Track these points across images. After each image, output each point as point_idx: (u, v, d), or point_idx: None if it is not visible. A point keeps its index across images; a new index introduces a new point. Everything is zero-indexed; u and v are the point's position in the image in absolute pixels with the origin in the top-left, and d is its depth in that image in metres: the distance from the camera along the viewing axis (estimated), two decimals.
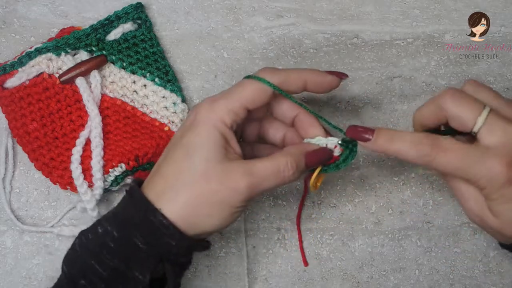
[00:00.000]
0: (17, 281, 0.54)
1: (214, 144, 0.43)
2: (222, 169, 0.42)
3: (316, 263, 0.55)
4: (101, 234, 0.43)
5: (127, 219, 0.43)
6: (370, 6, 0.61)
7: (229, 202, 0.42)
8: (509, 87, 0.59)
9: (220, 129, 0.43)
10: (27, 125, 0.54)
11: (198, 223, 0.42)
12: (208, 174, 0.42)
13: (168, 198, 0.42)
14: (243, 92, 0.45)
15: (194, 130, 0.43)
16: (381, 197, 0.56)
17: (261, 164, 0.43)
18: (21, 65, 0.55)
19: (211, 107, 0.44)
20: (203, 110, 0.44)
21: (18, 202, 0.56)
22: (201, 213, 0.42)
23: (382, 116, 0.58)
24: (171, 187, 0.42)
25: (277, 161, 0.43)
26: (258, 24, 0.60)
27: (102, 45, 0.57)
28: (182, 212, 0.42)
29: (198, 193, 0.42)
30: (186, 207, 0.42)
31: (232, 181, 0.42)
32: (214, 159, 0.42)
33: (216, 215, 0.42)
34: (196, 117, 0.44)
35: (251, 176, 0.42)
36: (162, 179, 0.43)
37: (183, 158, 0.43)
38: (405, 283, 0.54)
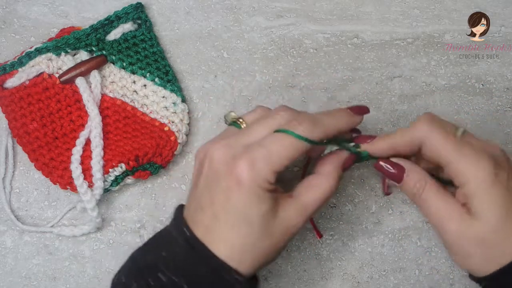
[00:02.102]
0: (17, 281, 0.54)
1: (265, 204, 0.41)
2: (280, 221, 0.42)
3: (316, 263, 0.55)
4: (167, 284, 0.41)
5: (198, 276, 0.41)
6: (370, 6, 0.61)
7: (286, 235, 0.43)
8: (509, 87, 0.59)
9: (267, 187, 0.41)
10: (27, 125, 0.54)
11: (262, 266, 0.43)
12: (269, 229, 0.42)
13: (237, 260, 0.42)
14: (285, 152, 0.42)
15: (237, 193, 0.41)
16: (381, 197, 0.56)
17: (311, 199, 0.43)
18: (21, 65, 0.55)
19: (254, 166, 0.41)
20: (247, 170, 0.41)
21: (18, 202, 0.56)
22: (268, 262, 0.43)
23: (382, 116, 0.58)
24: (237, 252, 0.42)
25: (323, 189, 0.44)
26: (258, 24, 0.60)
27: (102, 45, 0.57)
28: (251, 270, 0.42)
29: (264, 249, 0.42)
30: (256, 265, 0.42)
31: (291, 226, 0.43)
32: (269, 215, 0.42)
33: (276, 256, 0.44)
34: (242, 179, 0.41)
35: (306, 213, 0.43)
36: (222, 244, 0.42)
37: (240, 226, 0.41)
38: (405, 283, 0.54)
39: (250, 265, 0.42)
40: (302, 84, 0.59)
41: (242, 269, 0.41)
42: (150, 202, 0.56)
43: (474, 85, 0.59)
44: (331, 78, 0.59)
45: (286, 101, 0.58)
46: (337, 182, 0.44)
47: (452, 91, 0.59)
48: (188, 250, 0.42)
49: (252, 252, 0.42)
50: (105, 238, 0.55)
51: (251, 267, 0.42)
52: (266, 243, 0.42)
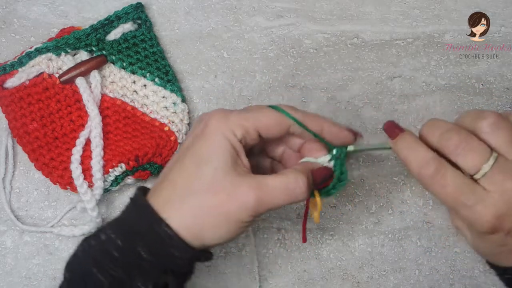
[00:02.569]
0: (17, 281, 0.54)
1: (225, 154, 0.42)
2: (231, 181, 0.41)
3: (316, 263, 0.55)
4: (104, 242, 0.42)
5: (131, 228, 0.42)
6: (370, 6, 0.61)
7: (236, 216, 0.41)
8: (509, 87, 0.59)
9: (231, 140, 0.42)
10: (27, 125, 0.54)
11: (204, 235, 0.41)
12: (216, 185, 0.41)
13: (174, 208, 0.41)
14: (259, 116, 0.43)
15: (205, 139, 0.42)
16: (381, 197, 0.56)
17: (271, 180, 0.42)
18: (21, 65, 0.55)
19: (223, 118, 0.43)
20: (215, 119, 0.43)
21: (18, 202, 0.56)
22: (207, 225, 0.41)
23: (382, 116, 0.58)
24: (178, 196, 0.42)
25: (287, 177, 0.42)
26: (258, 24, 0.60)
27: (102, 45, 0.57)
28: (187, 223, 0.41)
29: (205, 204, 0.41)
30: (192, 218, 0.41)
31: (240, 194, 0.41)
32: (223, 170, 0.41)
33: (222, 228, 0.41)
34: (208, 125, 0.43)
35: (260, 190, 0.41)
36: (170, 186, 0.42)
37: (193, 167, 0.42)
38: (405, 283, 0.54)
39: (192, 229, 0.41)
40: (302, 84, 0.59)
41: (183, 231, 0.41)
42: None
43: (474, 85, 0.59)
44: (331, 78, 0.59)
45: (286, 101, 0.58)
46: (303, 177, 0.42)
47: (452, 91, 0.59)
48: (131, 207, 0.43)
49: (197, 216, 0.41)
50: None
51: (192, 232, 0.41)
52: (209, 199, 0.41)
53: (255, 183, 0.41)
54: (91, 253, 0.42)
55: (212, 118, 0.43)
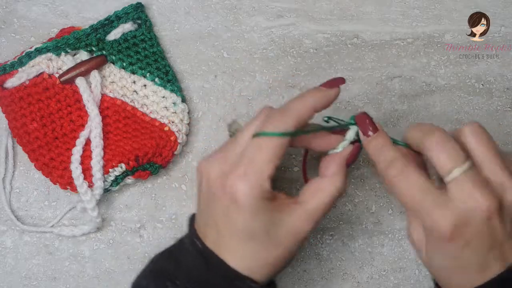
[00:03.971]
0: (17, 281, 0.54)
1: (265, 215, 0.41)
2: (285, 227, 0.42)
3: (316, 263, 0.55)
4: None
5: (210, 284, 0.42)
6: (370, 6, 0.61)
7: (298, 248, 0.43)
8: (509, 87, 0.59)
9: (265, 196, 0.41)
10: (27, 125, 0.54)
11: (275, 274, 0.43)
12: (275, 239, 0.42)
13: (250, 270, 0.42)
14: (266, 155, 0.41)
15: (243, 213, 0.41)
16: (381, 197, 0.56)
17: (317, 204, 0.42)
18: (21, 65, 0.55)
19: (246, 181, 0.40)
20: (241, 187, 0.40)
21: (18, 202, 0.56)
22: (276, 269, 0.43)
23: (382, 116, 0.58)
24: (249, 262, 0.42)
25: (328, 193, 0.43)
26: (258, 24, 0.60)
27: (102, 45, 0.57)
28: (262, 276, 0.42)
29: (275, 260, 0.42)
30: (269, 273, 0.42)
31: (298, 233, 0.42)
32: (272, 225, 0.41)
33: (288, 263, 0.44)
34: (237, 197, 0.40)
35: (313, 219, 0.42)
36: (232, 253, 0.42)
37: (245, 240, 0.41)
38: (405, 283, 0.54)
39: (263, 274, 0.42)
40: (302, 84, 0.59)
41: (255, 277, 0.42)
42: (150, 202, 0.56)
43: (474, 85, 0.59)
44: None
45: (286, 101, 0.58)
46: (343, 183, 0.44)
47: (452, 91, 0.59)
48: (201, 260, 0.42)
49: (263, 262, 0.42)
50: (105, 238, 0.55)
51: (264, 276, 0.42)
52: (274, 253, 0.42)
53: (307, 217, 0.42)
54: None
55: (238, 189, 0.40)
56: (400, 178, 0.41)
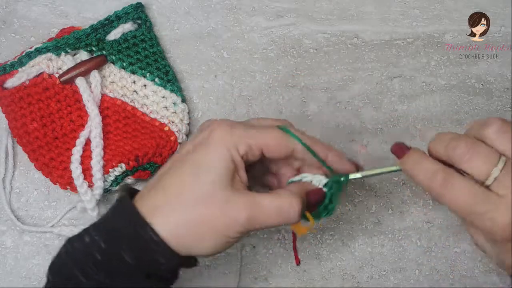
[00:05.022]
0: (17, 281, 0.54)
1: (224, 168, 0.41)
2: (226, 196, 0.40)
3: (316, 263, 0.55)
4: (88, 244, 0.41)
5: (116, 231, 0.41)
6: (370, 6, 0.61)
7: (225, 231, 0.41)
8: (509, 87, 0.59)
9: (233, 155, 0.41)
10: (27, 125, 0.54)
11: (190, 245, 0.41)
12: (210, 198, 0.40)
13: (164, 214, 0.41)
14: (265, 135, 0.43)
15: (207, 149, 0.42)
16: (381, 197, 0.56)
17: (265, 200, 0.41)
18: (21, 65, 0.55)
19: (229, 131, 0.42)
20: (220, 130, 0.42)
21: (18, 202, 0.56)
22: (195, 237, 0.41)
23: (382, 116, 0.58)
24: (169, 204, 0.41)
25: (282, 198, 0.42)
26: (258, 24, 0.60)
27: (102, 45, 0.57)
28: (175, 231, 0.40)
29: (196, 216, 0.40)
30: (180, 227, 0.40)
31: (233, 210, 0.40)
32: (220, 184, 0.41)
33: (209, 241, 0.41)
34: (212, 135, 0.42)
35: (253, 209, 0.41)
36: (162, 191, 0.42)
37: (189, 176, 0.41)
38: (405, 283, 0.54)
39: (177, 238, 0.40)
40: (302, 84, 0.59)
41: (164, 231, 0.40)
42: None
43: (474, 85, 0.59)
44: (331, 78, 0.59)
45: (286, 101, 0.58)
46: (298, 200, 0.42)
47: (452, 91, 0.59)
48: (116, 208, 0.42)
49: (184, 227, 0.40)
50: None
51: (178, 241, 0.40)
52: (201, 211, 0.40)
53: (249, 201, 0.41)
54: (74, 255, 0.41)
55: (218, 129, 0.42)
56: (448, 186, 0.40)
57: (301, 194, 0.43)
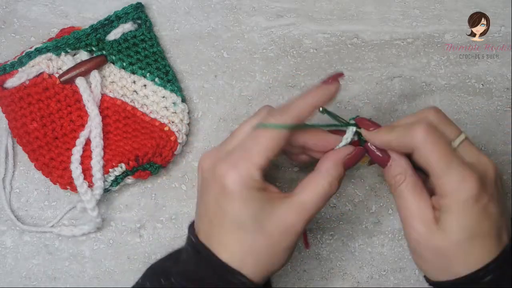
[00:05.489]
0: (17, 281, 0.54)
1: (253, 201, 0.41)
2: (277, 218, 0.42)
3: (316, 263, 0.55)
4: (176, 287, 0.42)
5: (202, 279, 0.42)
6: (370, 6, 0.61)
7: (286, 237, 0.42)
8: (509, 87, 0.59)
9: (255, 186, 0.42)
10: (27, 125, 0.54)
11: (269, 270, 0.43)
12: (267, 231, 0.41)
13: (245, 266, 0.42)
14: (264, 145, 0.42)
15: (228, 201, 0.41)
16: (381, 197, 0.56)
17: (310, 196, 0.42)
18: (21, 65, 0.55)
19: (236, 171, 0.41)
20: (229, 176, 0.41)
21: (18, 202, 0.56)
22: (271, 263, 0.42)
23: (382, 116, 0.58)
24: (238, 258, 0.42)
25: (321, 186, 0.43)
26: (258, 24, 0.60)
27: (102, 45, 0.57)
28: (255, 271, 0.42)
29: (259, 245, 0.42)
30: (258, 265, 0.42)
31: (291, 225, 0.42)
32: (261, 214, 0.41)
33: (277, 253, 0.43)
34: (225, 187, 0.41)
35: (306, 211, 0.42)
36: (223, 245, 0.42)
37: (234, 230, 0.42)
38: (405, 283, 0.54)
39: (254, 267, 0.42)
40: (302, 84, 0.59)
41: (246, 271, 0.41)
42: (150, 202, 0.56)
43: (474, 85, 0.59)
44: None
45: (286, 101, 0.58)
46: (335, 179, 0.44)
47: (452, 91, 0.59)
48: (195, 255, 0.43)
49: (253, 254, 0.42)
50: (105, 238, 0.55)
51: (255, 270, 0.42)
52: (264, 243, 0.42)
53: (299, 208, 0.42)
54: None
55: (225, 175, 0.41)
56: (427, 141, 0.42)
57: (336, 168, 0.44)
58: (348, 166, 0.45)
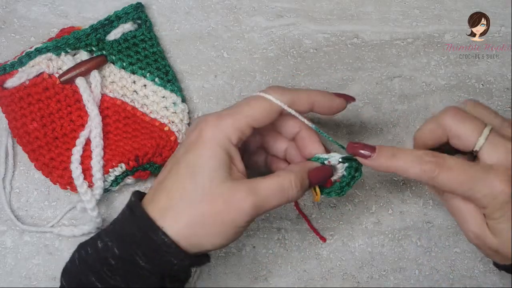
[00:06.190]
0: (17, 281, 0.54)
1: (219, 163, 0.42)
2: (227, 188, 0.41)
3: (316, 263, 0.55)
4: (101, 250, 0.42)
5: (128, 236, 0.42)
6: (370, 6, 0.61)
7: (233, 222, 0.42)
8: (509, 87, 0.59)
9: (225, 147, 0.42)
10: (27, 125, 0.54)
11: (201, 242, 0.42)
12: (212, 194, 0.41)
13: (170, 217, 0.41)
14: (250, 110, 0.44)
15: (198, 148, 0.42)
16: (381, 197, 0.56)
17: (265, 183, 0.42)
18: (21, 65, 0.55)
19: (217, 125, 0.43)
20: (208, 127, 0.43)
21: (18, 202, 0.56)
22: (204, 233, 0.42)
23: (382, 116, 0.58)
24: (174, 206, 0.42)
25: (281, 179, 0.43)
26: (258, 24, 0.60)
27: (102, 45, 0.57)
28: (185, 232, 0.41)
29: (201, 213, 0.41)
30: (188, 226, 0.41)
31: (236, 201, 0.41)
32: (218, 179, 0.41)
33: (219, 235, 0.42)
34: (201, 133, 0.43)
35: (256, 195, 0.42)
36: (165, 195, 0.42)
37: (187, 177, 0.42)
38: (405, 283, 0.54)
39: (183, 230, 0.41)
40: (302, 84, 0.59)
41: (172, 232, 0.41)
42: None
43: (474, 85, 0.59)
44: (331, 78, 0.59)
45: None
46: (298, 180, 0.43)
47: (452, 91, 0.59)
48: (127, 214, 0.43)
49: (187, 217, 0.41)
50: None
51: (183, 233, 0.41)
52: (206, 207, 0.41)
53: (249, 188, 0.42)
54: (88, 260, 0.42)
55: (207, 125, 0.43)
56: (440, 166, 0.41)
57: (302, 172, 0.44)
58: (314, 178, 0.45)
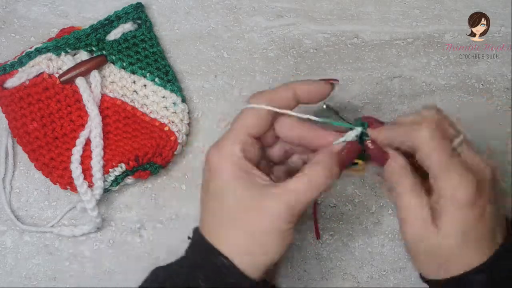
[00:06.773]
0: (17, 281, 0.54)
1: (237, 180, 0.42)
2: (254, 198, 0.42)
3: (316, 263, 0.55)
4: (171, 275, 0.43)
5: (193, 261, 0.44)
6: (370, 6, 0.61)
7: (273, 228, 0.41)
8: (509, 87, 0.59)
9: (235, 163, 0.43)
10: (27, 125, 0.54)
11: (255, 257, 0.42)
12: (244, 207, 0.42)
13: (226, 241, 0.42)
14: (241, 121, 0.44)
15: (212, 180, 0.43)
16: (381, 197, 0.56)
17: (293, 182, 0.42)
18: (21, 65, 0.55)
19: (218, 151, 0.43)
20: (213, 157, 0.43)
21: (18, 202, 0.56)
22: (253, 248, 0.42)
23: (382, 116, 0.58)
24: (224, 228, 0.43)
25: (309, 175, 0.42)
26: (258, 24, 0.60)
27: (102, 45, 0.57)
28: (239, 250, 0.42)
29: (242, 227, 0.42)
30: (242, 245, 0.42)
31: (267, 207, 0.41)
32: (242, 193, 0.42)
33: (268, 245, 0.42)
34: (209, 166, 0.43)
35: (287, 196, 0.41)
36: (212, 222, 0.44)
37: (219, 206, 0.43)
38: (405, 283, 0.54)
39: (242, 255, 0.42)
40: None
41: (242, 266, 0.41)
42: (150, 202, 0.56)
43: (474, 85, 0.59)
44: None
45: None
46: (328, 171, 0.43)
47: (452, 91, 0.59)
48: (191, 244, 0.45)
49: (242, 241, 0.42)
50: (105, 238, 0.55)
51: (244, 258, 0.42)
52: (245, 222, 0.42)
53: (279, 191, 0.42)
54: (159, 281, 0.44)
55: (212, 157, 0.44)
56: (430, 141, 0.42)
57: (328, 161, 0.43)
58: (344, 162, 0.44)
